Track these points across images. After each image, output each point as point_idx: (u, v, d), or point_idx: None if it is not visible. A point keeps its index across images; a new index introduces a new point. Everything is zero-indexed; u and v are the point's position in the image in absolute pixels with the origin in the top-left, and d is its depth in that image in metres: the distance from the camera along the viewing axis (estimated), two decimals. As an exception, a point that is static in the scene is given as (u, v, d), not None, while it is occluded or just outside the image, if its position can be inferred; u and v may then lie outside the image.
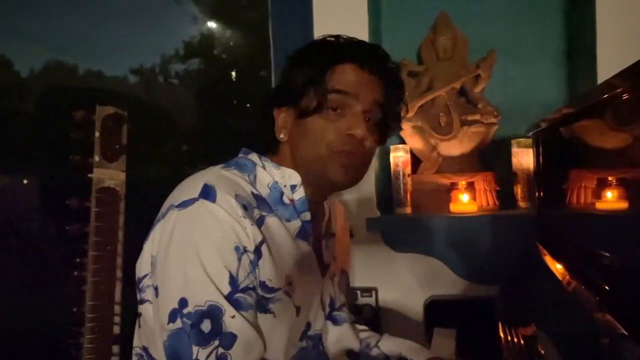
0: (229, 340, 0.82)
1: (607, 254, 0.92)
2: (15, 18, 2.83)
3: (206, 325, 0.82)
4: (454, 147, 1.84)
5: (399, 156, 1.80)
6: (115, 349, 1.26)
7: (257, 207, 0.92)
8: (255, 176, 0.98)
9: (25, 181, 2.68)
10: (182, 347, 0.82)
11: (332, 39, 1.02)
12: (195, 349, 0.81)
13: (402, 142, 1.92)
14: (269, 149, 1.03)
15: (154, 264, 0.90)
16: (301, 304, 0.97)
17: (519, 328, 1.09)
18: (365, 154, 0.99)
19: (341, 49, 0.98)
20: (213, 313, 0.83)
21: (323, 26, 1.78)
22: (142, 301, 0.95)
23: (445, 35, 1.87)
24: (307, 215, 1.00)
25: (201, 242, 0.85)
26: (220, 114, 3.52)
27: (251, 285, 0.87)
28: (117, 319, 1.26)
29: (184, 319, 0.82)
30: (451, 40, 1.87)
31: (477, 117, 1.82)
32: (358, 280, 1.84)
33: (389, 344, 1.18)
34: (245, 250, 0.87)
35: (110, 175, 1.28)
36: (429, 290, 1.82)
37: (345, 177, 0.97)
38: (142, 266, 0.95)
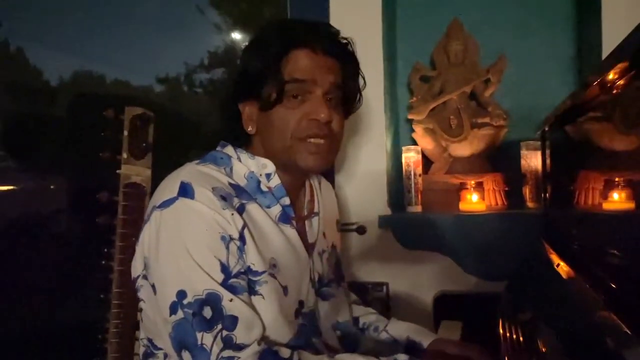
0: (231, 322, 0.86)
1: (613, 254, 0.92)
2: (44, 28, 2.91)
3: (207, 312, 0.85)
4: (464, 148, 1.87)
5: (410, 157, 1.84)
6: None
7: (236, 196, 0.95)
8: (231, 168, 1.00)
9: (58, 180, 2.78)
10: (187, 335, 0.85)
11: (280, 24, 1.01)
12: (199, 334, 0.85)
13: (414, 143, 1.95)
14: (242, 141, 1.04)
15: (147, 264, 0.93)
16: (288, 284, 0.99)
17: (521, 324, 1.08)
18: (333, 136, 1.00)
19: (291, 35, 0.97)
20: (212, 300, 0.86)
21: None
22: (139, 299, 0.99)
23: (457, 41, 1.89)
24: (286, 200, 1.02)
25: (188, 237, 0.88)
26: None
27: (242, 270, 0.91)
28: (140, 306, 1.33)
29: (185, 309, 0.86)
30: (463, 45, 1.89)
31: (486, 119, 1.85)
32: (370, 275, 1.87)
33: (396, 328, 1.20)
34: (231, 239, 0.90)
35: (137, 172, 1.34)
36: (438, 286, 1.83)
37: (314, 164, 0.99)
38: (136, 267, 0.98)
